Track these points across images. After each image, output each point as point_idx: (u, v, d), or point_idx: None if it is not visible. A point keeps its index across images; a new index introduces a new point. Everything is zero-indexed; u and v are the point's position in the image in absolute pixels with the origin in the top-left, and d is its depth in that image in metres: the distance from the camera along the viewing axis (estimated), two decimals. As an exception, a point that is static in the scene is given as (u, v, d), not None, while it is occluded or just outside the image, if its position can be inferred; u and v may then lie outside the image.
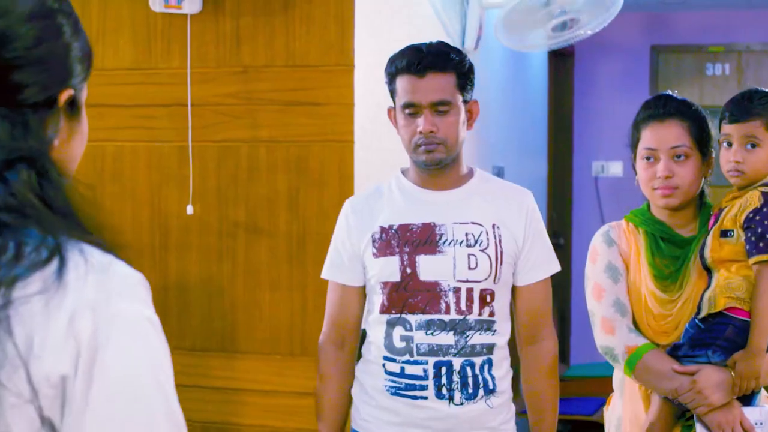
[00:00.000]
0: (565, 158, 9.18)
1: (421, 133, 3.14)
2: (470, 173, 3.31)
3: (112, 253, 1.42)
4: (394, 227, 3.21)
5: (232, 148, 4.27)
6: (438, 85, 3.15)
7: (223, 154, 4.27)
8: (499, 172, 6.35)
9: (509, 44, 5.59)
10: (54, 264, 1.33)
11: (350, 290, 3.32)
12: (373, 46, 4.27)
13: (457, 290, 3.16)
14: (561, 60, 8.94)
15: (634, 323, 3.25)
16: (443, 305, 3.15)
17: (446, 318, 3.15)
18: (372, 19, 4.28)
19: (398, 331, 3.19)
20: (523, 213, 3.25)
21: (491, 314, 3.18)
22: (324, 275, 3.36)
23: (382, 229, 3.23)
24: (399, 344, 3.19)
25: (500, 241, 3.20)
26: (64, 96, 1.46)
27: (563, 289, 8.54)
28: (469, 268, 3.16)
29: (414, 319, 3.17)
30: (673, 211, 3.26)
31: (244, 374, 4.26)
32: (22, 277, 1.30)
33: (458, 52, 3.22)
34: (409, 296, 3.17)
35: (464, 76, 3.19)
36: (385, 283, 3.20)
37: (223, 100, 4.26)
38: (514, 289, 3.29)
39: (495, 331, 3.20)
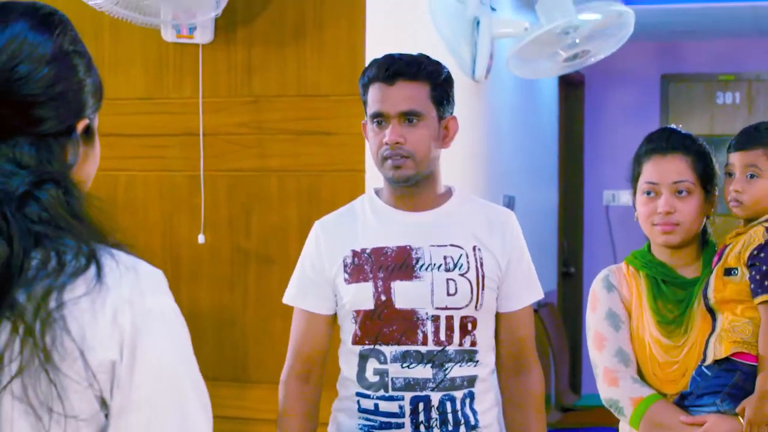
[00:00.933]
0: (576, 187, 9.17)
1: (386, 144, 2.92)
2: (449, 193, 3.09)
3: (132, 254, 1.66)
4: (368, 251, 2.98)
5: (243, 177, 4.28)
6: (407, 93, 2.93)
7: (235, 184, 4.28)
8: (510, 202, 6.36)
9: (522, 74, 5.61)
10: (93, 269, 1.56)
11: (317, 318, 3.07)
12: (384, 76, 4.28)
13: (435, 318, 2.92)
14: (572, 89, 8.95)
15: (639, 372, 3.11)
16: (420, 335, 2.92)
17: (423, 349, 2.92)
18: (382, 48, 4.28)
19: (372, 364, 2.95)
20: (507, 235, 3.04)
21: (473, 344, 2.96)
22: (287, 300, 3.13)
23: (354, 253, 2.99)
24: (372, 378, 2.95)
25: (482, 264, 2.98)
26: (81, 125, 1.68)
27: (574, 317, 8.51)
28: (448, 294, 2.93)
29: (389, 350, 2.93)
30: (675, 249, 3.13)
31: (256, 404, 4.26)
32: (69, 282, 1.54)
33: (435, 63, 3.03)
34: (383, 325, 2.94)
35: (439, 87, 2.98)
36: (357, 311, 2.96)
37: (235, 129, 4.27)
38: (496, 317, 3.07)
39: (477, 362, 2.98)
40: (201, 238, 4.25)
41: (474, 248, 2.99)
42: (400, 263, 2.95)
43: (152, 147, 4.37)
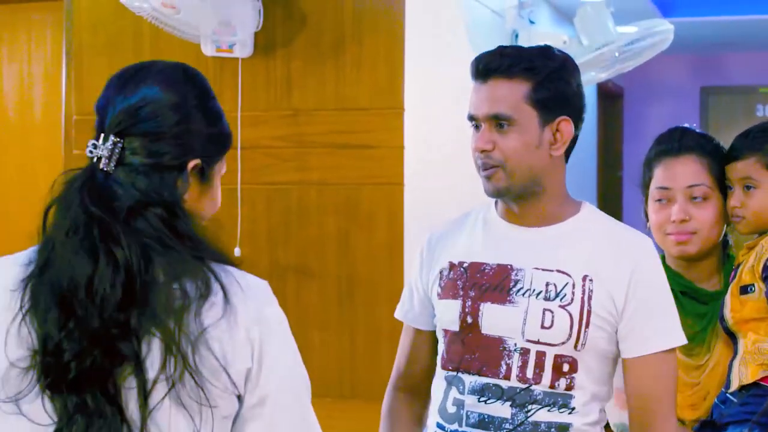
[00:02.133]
0: (615, 201, 9.14)
1: (475, 150, 2.56)
2: (575, 209, 2.65)
3: (237, 267, 1.94)
4: (465, 265, 2.61)
5: (281, 190, 4.29)
6: (498, 94, 2.51)
7: (273, 197, 4.29)
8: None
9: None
10: (219, 291, 1.85)
11: (419, 335, 2.78)
12: (422, 89, 4.29)
13: (524, 352, 2.50)
14: (610, 102, 8.93)
15: None
16: (503, 368, 2.52)
17: (504, 384, 2.51)
18: (422, 61, 4.30)
19: (453, 393, 2.59)
20: (630, 265, 2.52)
21: (569, 388, 2.50)
22: (396, 314, 2.85)
23: (451, 266, 2.63)
24: (451, 408, 2.59)
25: (590, 297, 2.50)
26: (191, 164, 1.95)
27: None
28: (542, 327, 2.50)
29: (468, 380, 2.55)
30: (692, 262, 2.83)
31: (294, 416, 4.25)
32: (201, 305, 1.83)
33: (545, 56, 2.56)
34: (465, 352, 2.57)
35: (544, 86, 2.52)
36: (445, 331, 2.63)
37: (274, 143, 4.28)
38: (623, 364, 2.56)
39: (573, 409, 2.50)
40: (237, 251, 4.26)
41: (584, 278, 2.52)
42: (497, 284, 2.56)
43: (192, 160, 4.38)
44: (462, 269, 2.61)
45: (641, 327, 2.50)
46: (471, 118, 2.56)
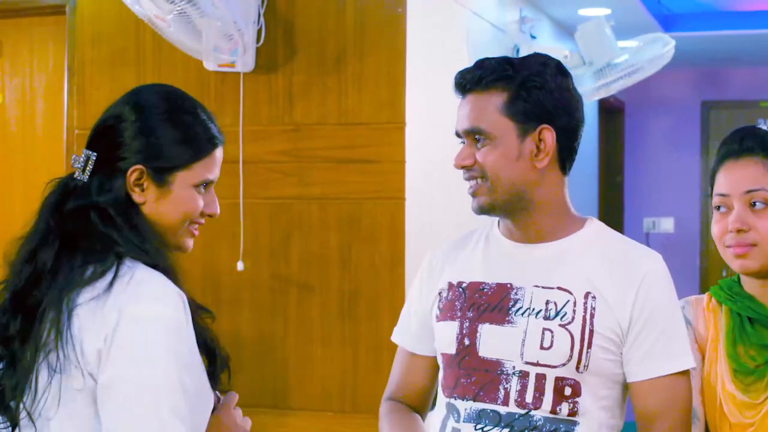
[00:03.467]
0: (616, 214, 9.14)
1: (455, 166, 2.46)
2: (578, 225, 2.50)
3: (166, 271, 2.11)
4: (464, 285, 2.47)
5: (284, 205, 4.29)
6: (474, 108, 2.41)
7: (275, 211, 4.30)
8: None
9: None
10: (108, 279, 2.03)
11: (416, 360, 2.60)
12: (424, 104, 4.29)
13: (523, 375, 2.34)
14: (611, 116, 8.94)
15: None
16: (501, 393, 2.35)
17: (502, 410, 2.34)
18: (423, 77, 4.30)
19: (450, 422, 2.42)
20: (642, 286, 2.36)
21: (572, 413, 2.32)
22: (393, 337, 2.69)
23: (450, 286, 2.49)
24: None
25: (592, 316, 2.34)
26: (132, 171, 2.13)
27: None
28: (542, 348, 2.34)
29: (464, 406, 2.39)
30: (766, 279, 2.45)
31: (296, 431, 4.26)
32: (85, 286, 2.04)
33: (525, 63, 2.43)
34: (462, 375, 2.41)
35: (521, 95, 2.38)
36: (443, 356, 2.47)
37: (276, 157, 4.29)
38: (629, 388, 2.40)
39: None
40: (240, 265, 4.26)
41: (586, 295, 2.36)
42: (495, 304, 2.41)
43: (193, 174, 4.39)
44: (460, 290, 2.47)
45: (646, 349, 2.34)
46: (457, 134, 2.47)
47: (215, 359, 2.21)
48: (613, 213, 9.04)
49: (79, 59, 4.56)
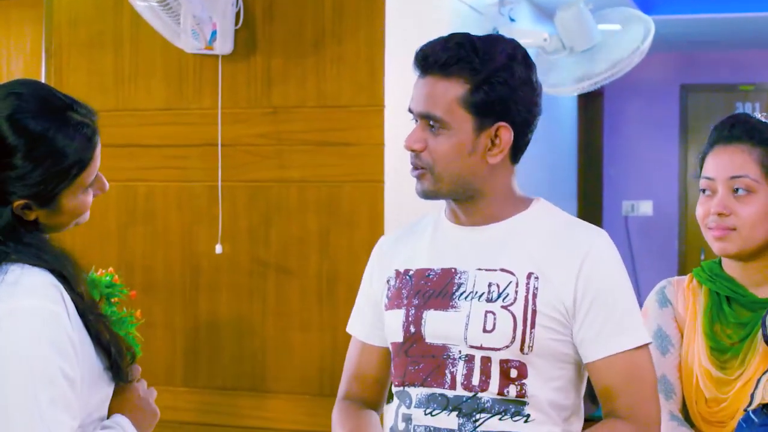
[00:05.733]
0: (595, 198, 9.16)
1: (405, 147, 2.38)
2: (524, 205, 2.42)
3: (66, 275, 2.09)
4: (411, 272, 2.43)
5: (262, 188, 4.28)
6: (433, 92, 2.32)
7: (254, 194, 4.29)
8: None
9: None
10: None
11: (369, 350, 2.56)
12: (403, 87, 4.28)
13: (469, 359, 2.32)
14: (590, 100, 8.94)
15: (683, 408, 2.56)
16: (448, 377, 2.33)
17: (450, 394, 2.32)
18: (402, 59, 4.29)
19: (401, 409, 2.40)
20: (585, 263, 2.30)
21: (520, 395, 2.30)
22: (347, 328, 2.65)
23: (398, 274, 2.46)
24: (400, 426, 2.40)
25: (534, 296, 2.30)
26: (17, 204, 2.11)
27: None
28: (484, 331, 2.30)
29: (414, 393, 2.37)
30: (747, 263, 2.54)
31: (275, 414, 4.26)
32: None
33: (492, 53, 2.31)
34: (410, 362, 2.38)
35: (482, 90, 2.29)
36: (393, 345, 2.44)
37: (254, 140, 4.28)
38: (587, 368, 2.36)
39: (528, 417, 2.31)
40: (218, 248, 4.25)
41: (529, 275, 2.32)
42: (440, 289, 2.37)
43: (171, 157, 4.38)
44: (407, 277, 2.43)
45: (597, 328, 2.29)
46: (410, 110, 2.38)
47: (110, 354, 2.15)
48: (592, 196, 9.06)
49: (56, 42, 4.53)
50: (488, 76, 2.28)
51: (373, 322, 2.53)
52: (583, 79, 5.47)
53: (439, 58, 2.30)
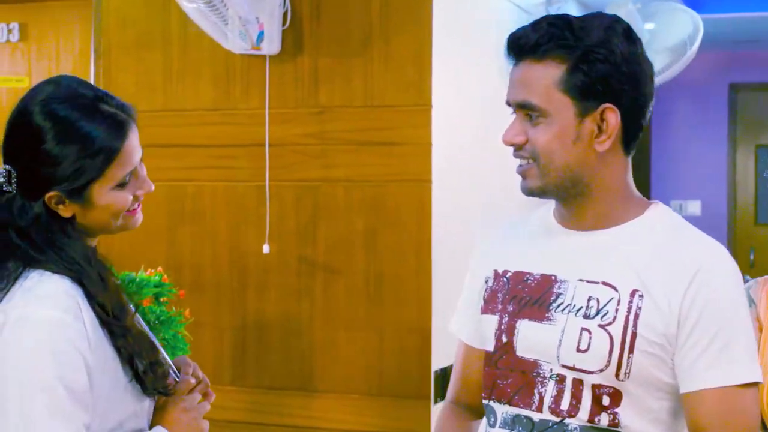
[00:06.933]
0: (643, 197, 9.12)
1: (504, 143, 2.19)
2: (641, 209, 2.22)
3: (89, 284, 2.10)
4: (509, 274, 2.24)
5: (309, 187, 4.29)
6: (527, 78, 2.12)
7: (301, 194, 4.30)
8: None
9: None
10: (6, 286, 2.08)
11: (475, 353, 2.35)
12: (450, 86, 4.28)
13: (560, 379, 2.11)
14: (638, 99, 8.91)
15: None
16: (536, 398, 2.13)
17: (536, 417, 2.13)
18: (449, 58, 4.29)
19: (486, 428, 2.26)
20: (695, 283, 2.05)
21: (613, 424, 2.07)
22: (449, 326, 2.47)
23: (496, 275, 2.28)
24: None
25: (636, 316, 2.06)
26: (49, 196, 2.13)
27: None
28: (578, 350, 2.08)
29: (500, 410, 2.20)
30: None
31: (322, 413, 4.26)
32: None
33: (588, 28, 2.11)
34: (498, 376, 2.20)
35: (579, 69, 2.08)
36: (484, 352, 2.27)
37: (301, 140, 4.29)
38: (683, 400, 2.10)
39: None
40: (266, 248, 4.26)
41: (633, 293, 2.08)
42: (537, 297, 2.17)
43: (219, 158, 4.40)
44: (505, 279, 2.24)
45: (694, 355, 2.05)
46: (507, 103, 2.18)
47: (134, 366, 2.14)
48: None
49: (105, 43, 4.56)
50: (585, 53, 2.08)
51: (474, 322, 2.33)
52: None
53: (529, 39, 2.11)
